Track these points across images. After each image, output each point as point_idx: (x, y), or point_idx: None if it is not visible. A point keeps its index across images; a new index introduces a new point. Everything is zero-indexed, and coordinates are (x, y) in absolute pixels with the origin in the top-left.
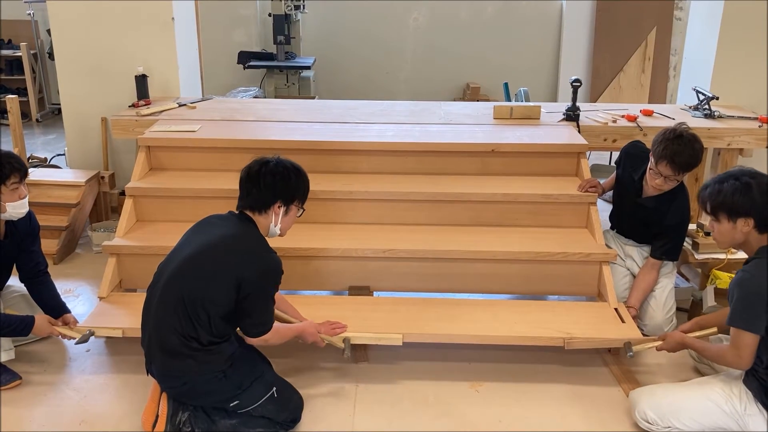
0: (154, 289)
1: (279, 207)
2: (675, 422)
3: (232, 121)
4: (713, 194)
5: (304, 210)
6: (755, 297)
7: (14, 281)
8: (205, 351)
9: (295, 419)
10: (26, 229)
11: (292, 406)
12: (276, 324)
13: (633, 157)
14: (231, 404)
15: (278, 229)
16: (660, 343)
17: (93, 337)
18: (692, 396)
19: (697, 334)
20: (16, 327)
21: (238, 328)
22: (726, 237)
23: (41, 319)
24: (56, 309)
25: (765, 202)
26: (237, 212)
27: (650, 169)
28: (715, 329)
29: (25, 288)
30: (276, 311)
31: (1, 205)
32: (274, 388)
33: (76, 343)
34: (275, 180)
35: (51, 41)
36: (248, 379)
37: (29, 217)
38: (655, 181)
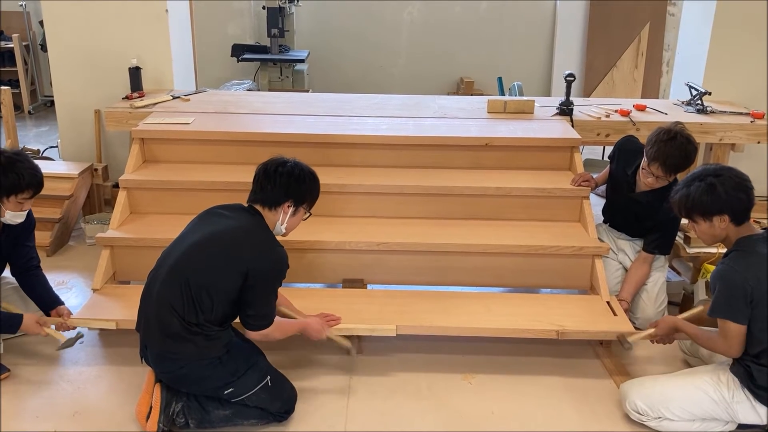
0: (156, 273)
1: (288, 206)
2: (665, 412)
3: (226, 114)
4: (683, 199)
5: (310, 214)
6: (735, 289)
7: (7, 273)
8: (205, 336)
9: (289, 410)
10: (23, 224)
11: (285, 396)
12: (278, 319)
13: (626, 152)
14: (225, 392)
15: (284, 227)
16: (653, 330)
17: (87, 329)
18: (681, 385)
19: (686, 315)
20: (3, 325)
21: (235, 321)
22: (707, 235)
23: (29, 318)
24: (49, 302)
25: (733, 197)
26: (246, 205)
27: (642, 168)
28: (701, 308)
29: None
30: (279, 307)
31: (1, 210)
32: (269, 377)
33: (58, 349)
34: (290, 180)
35: (43, 33)
36: (243, 367)
37: (27, 212)
38: (647, 179)
